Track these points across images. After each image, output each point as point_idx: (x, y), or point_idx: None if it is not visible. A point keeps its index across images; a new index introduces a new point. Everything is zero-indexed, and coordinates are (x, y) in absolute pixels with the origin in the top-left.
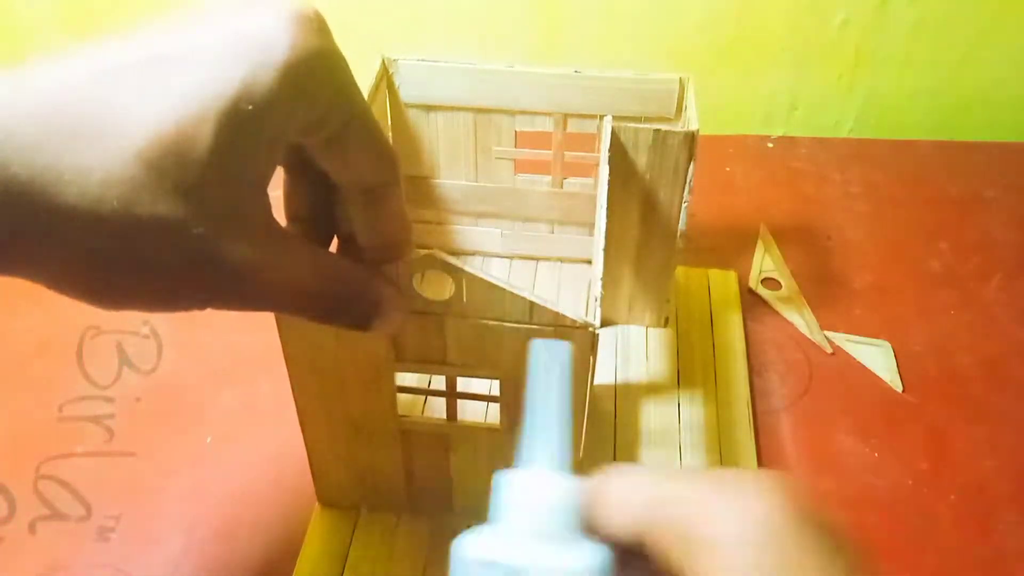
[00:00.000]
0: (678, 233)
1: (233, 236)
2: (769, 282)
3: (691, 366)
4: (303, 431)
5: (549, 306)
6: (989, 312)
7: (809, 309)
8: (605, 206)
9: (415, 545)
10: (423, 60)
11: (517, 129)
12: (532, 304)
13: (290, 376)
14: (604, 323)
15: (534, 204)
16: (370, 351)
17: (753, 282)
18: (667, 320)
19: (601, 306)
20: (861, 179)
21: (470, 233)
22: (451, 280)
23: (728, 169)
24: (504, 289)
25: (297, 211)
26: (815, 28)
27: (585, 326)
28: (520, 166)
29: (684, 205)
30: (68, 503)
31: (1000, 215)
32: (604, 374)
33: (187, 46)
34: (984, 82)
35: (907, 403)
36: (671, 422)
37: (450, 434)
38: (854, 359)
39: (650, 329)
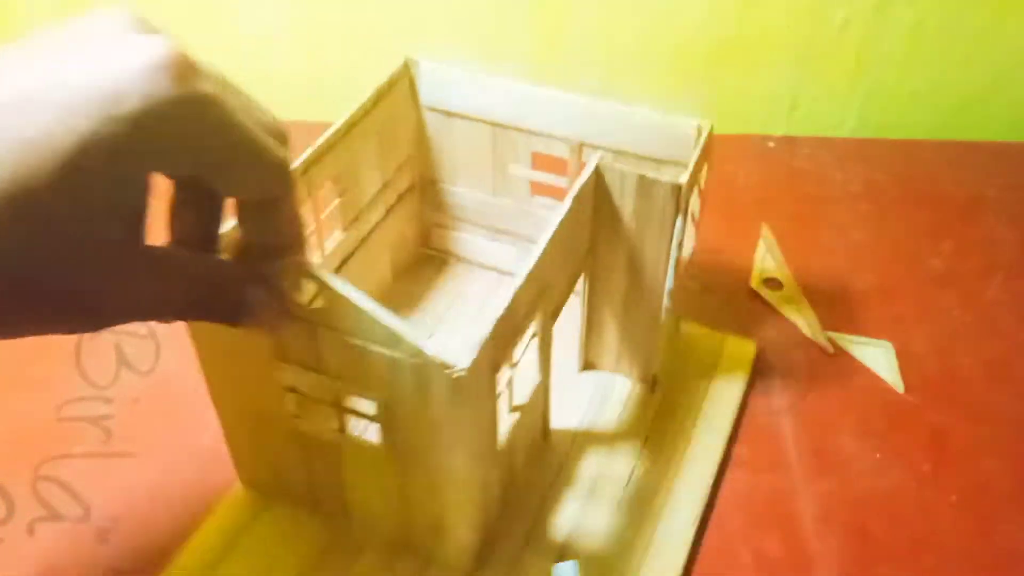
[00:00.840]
0: (665, 291)
1: (80, 273)
2: (771, 282)
3: (663, 429)
4: (215, 406)
5: (412, 339)
6: (991, 312)
7: (811, 309)
8: (548, 240)
9: (309, 541)
10: (443, 66)
11: (534, 150)
12: (395, 333)
13: (198, 355)
14: (587, 367)
15: None
16: (255, 343)
17: (755, 282)
18: (655, 379)
19: (542, 350)
20: (862, 179)
21: (487, 247)
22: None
23: (729, 169)
24: (367, 312)
25: (183, 226)
26: (816, 28)
27: (445, 366)
28: (538, 188)
29: (672, 261)
30: (67, 504)
31: (1001, 215)
32: (567, 418)
33: (31, 91)
34: (985, 82)
35: (909, 403)
36: (618, 478)
37: (341, 444)
38: (856, 359)
39: (638, 383)
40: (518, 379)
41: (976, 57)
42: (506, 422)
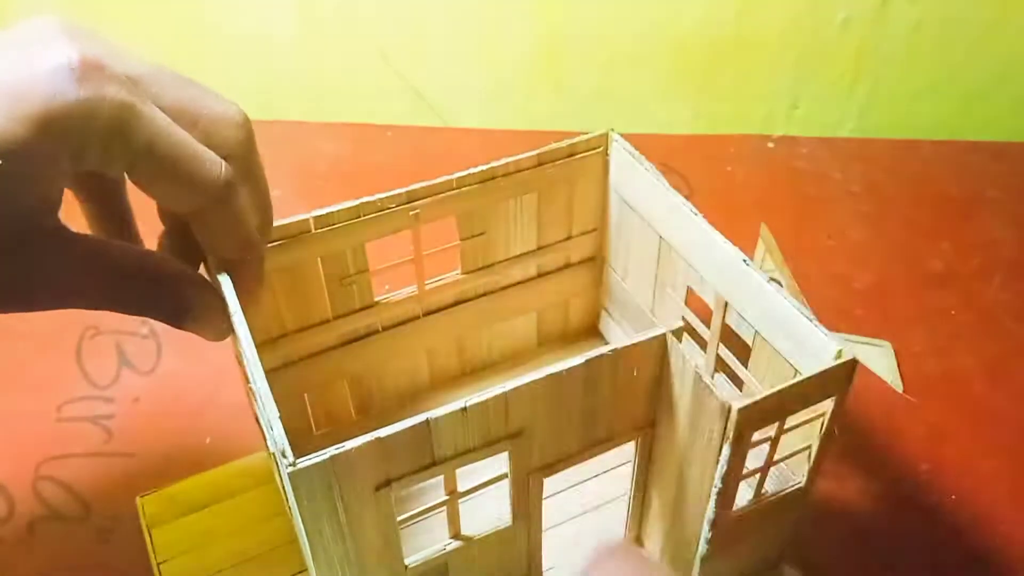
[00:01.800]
0: (705, 520)
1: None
2: (770, 282)
3: None
4: None
5: (269, 412)
6: (990, 312)
7: (810, 309)
8: (521, 384)
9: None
10: (628, 151)
11: (688, 283)
12: (264, 399)
13: None
14: (635, 541)
15: None
16: None
17: None
18: None
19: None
20: (862, 179)
21: None
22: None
23: (729, 169)
24: (253, 365)
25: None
26: (816, 27)
27: (284, 454)
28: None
29: (715, 492)
30: (67, 504)
31: (1001, 215)
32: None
33: None
34: (986, 81)
35: (908, 403)
36: None
37: None
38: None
39: None
40: (472, 510)
41: (976, 57)
42: (436, 546)
